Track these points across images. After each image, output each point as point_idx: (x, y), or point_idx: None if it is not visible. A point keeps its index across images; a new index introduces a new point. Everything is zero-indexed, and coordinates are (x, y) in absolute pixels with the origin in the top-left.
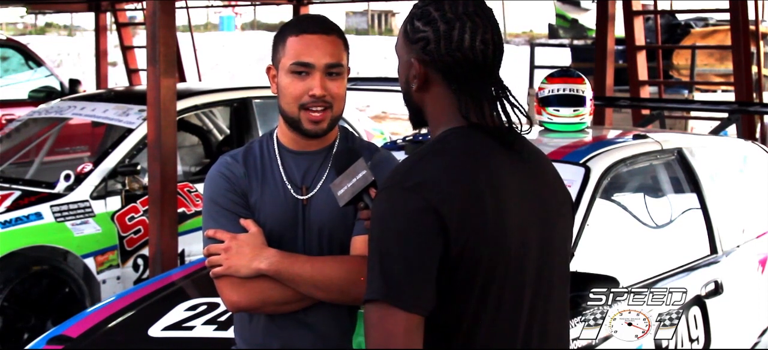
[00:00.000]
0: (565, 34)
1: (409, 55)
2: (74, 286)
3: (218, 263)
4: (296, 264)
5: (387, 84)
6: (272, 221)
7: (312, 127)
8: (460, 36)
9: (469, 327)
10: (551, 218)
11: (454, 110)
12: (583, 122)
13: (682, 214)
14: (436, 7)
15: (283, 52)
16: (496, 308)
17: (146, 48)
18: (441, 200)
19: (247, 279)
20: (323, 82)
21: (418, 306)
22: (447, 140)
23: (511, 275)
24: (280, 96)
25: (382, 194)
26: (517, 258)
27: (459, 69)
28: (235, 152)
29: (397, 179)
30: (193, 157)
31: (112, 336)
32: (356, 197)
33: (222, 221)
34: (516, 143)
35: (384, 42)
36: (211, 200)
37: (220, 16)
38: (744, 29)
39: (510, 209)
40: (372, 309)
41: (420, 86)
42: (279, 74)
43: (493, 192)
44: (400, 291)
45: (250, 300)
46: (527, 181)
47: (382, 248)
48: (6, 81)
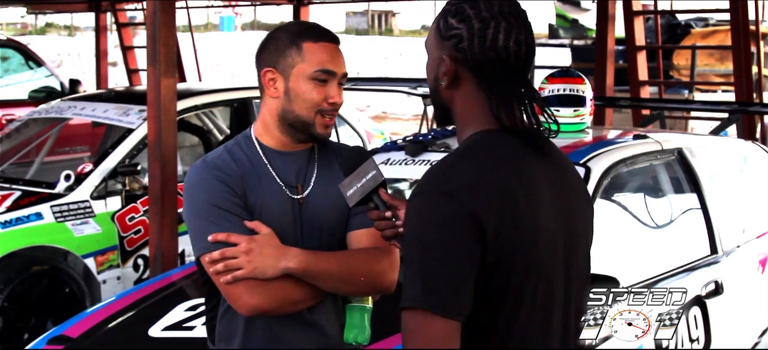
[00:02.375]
0: (566, 34)
1: (441, 52)
2: (74, 286)
3: (238, 266)
4: (322, 260)
5: (387, 84)
6: (272, 223)
7: (325, 131)
8: (495, 35)
9: (505, 330)
10: (576, 220)
11: (484, 110)
12: (584, 122)
13: (683, 214)
14: (472, 6)
15: (299, 57)
16: (530, 310)
17: (146, 48)
18: (479, 205)
19: (266, 280)
20: (339, 91)
21: (458, 312)
22: (480, 143)
23: (544, 277)
24: (293, 100)
25: (416, 199)
26: (548, 263)
27: (491, 68)
28: (218, 154)
29: (433, 184)
30: (193, 157)
31: (112, 336)
32: (366, 198)
33: (227, 225)
34: (545, 145)
35: (384, 42)
36: (210, 203)
37: (220, 16)
38: (744, 29)
39: (542, 212)
40: (411, 316)
41: (449, 83)
42: (291, 79)
43: (527, 196)
44: (440, 297)
45: (270, 302)
46: (555, 184)
47: (419, 254)
48: (6, 81)
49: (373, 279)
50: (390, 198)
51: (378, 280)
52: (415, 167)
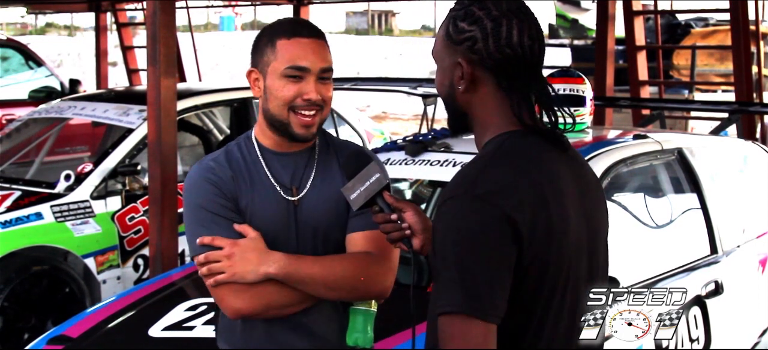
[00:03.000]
0: (566, 34)
1: (454, 57)
2: (74, 286)
3: (220, 270)
4: (304, 265)
5: (387, 84)
6: (265, 225)
7: (303, 131)
8: (508, 32)
9: (536, 331)
10: (595, 219)
11: (506, 111)
12: (584, 122)
13: (683, 214)
14: (480, 7)
15: (272, 55)
16: (559, 310)
17: (146, 48)
18: (514, 207)
19: (250, 284)
20: (317, 86)
21: (495, 315)
22: (507, 145)
23: (572, 278)
24: (268, 99)
25: (451, 202)
26: (576, 261)
27: (509, 66)
28: (215, 155)
29: (465, 188)
30: (193, 157)
31: (112, 336)
32: (370, 201)
33: (214, 227)
34: (566, 144)
35: (384, 42)
36: (200, 206)
37: (220, 16)
38: (744, 29)
39: (569, 213)
40: (450, 321)
41: (467, 88)
42: (267, 77)
43: (556, 197)
44: (479, 301)
45: (254, 306)
46: (577, 184)
47: (456, 258)
48: (6, 81)
49: (362, 285)
50: (395, 201)
51: (366, 286)
52: (415, 167)
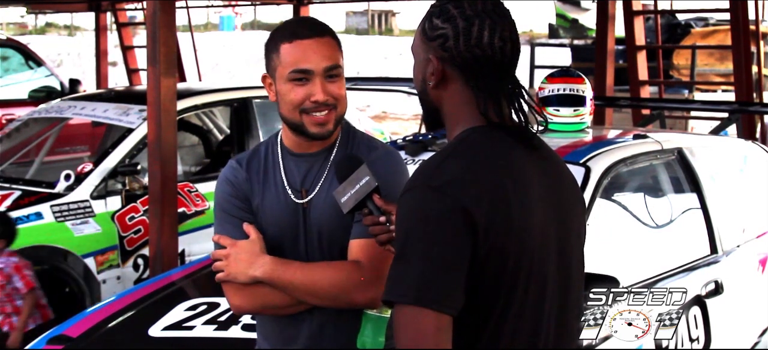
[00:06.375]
0: (565, 34)
1: (427, 53)
2: (74, 286)
3: (219, 269)
4: (288, 271)
5: (387, 84)
6: (273, 226)
7: (317, 129)
8: (479, 33)
9: (496, 326)
10: (568, 217)
11: (473, 108)
12: (584, 121)
13: (683, 214)
14: (456, 5)
15: (278, 60)
16: (521, 307)
17: (146, 48)
18: (470, 199)
19: (249, 284)
20: (324, 86)
21: (449, 306)
22: (470, 139)
23: (535, 274)
24: (280, 103)
25: (408, 195)
26: (540, 258)
27: (477, 66)
28: (242, 156)
29: (423, 179)
30: (193, 157)
31: (112, 336)
32: (360, 204)
33: (227, 226)
34: (534, 141)
35: (384, 42)
36: (218, 205)
37: (220, 16)
38: (744, 29)
39: (533, 208)
40: (402, 311)
41: (437, 83)
42: (276, 82)
43: (518, 191)
44: (431, 291)
45: (251, 304)
46: (546, 180)
47: (410, 248)
48: (6, 81)
49: (341, 293)
50: (384, 203)
51: (345, 295)
52: (415, 167)
